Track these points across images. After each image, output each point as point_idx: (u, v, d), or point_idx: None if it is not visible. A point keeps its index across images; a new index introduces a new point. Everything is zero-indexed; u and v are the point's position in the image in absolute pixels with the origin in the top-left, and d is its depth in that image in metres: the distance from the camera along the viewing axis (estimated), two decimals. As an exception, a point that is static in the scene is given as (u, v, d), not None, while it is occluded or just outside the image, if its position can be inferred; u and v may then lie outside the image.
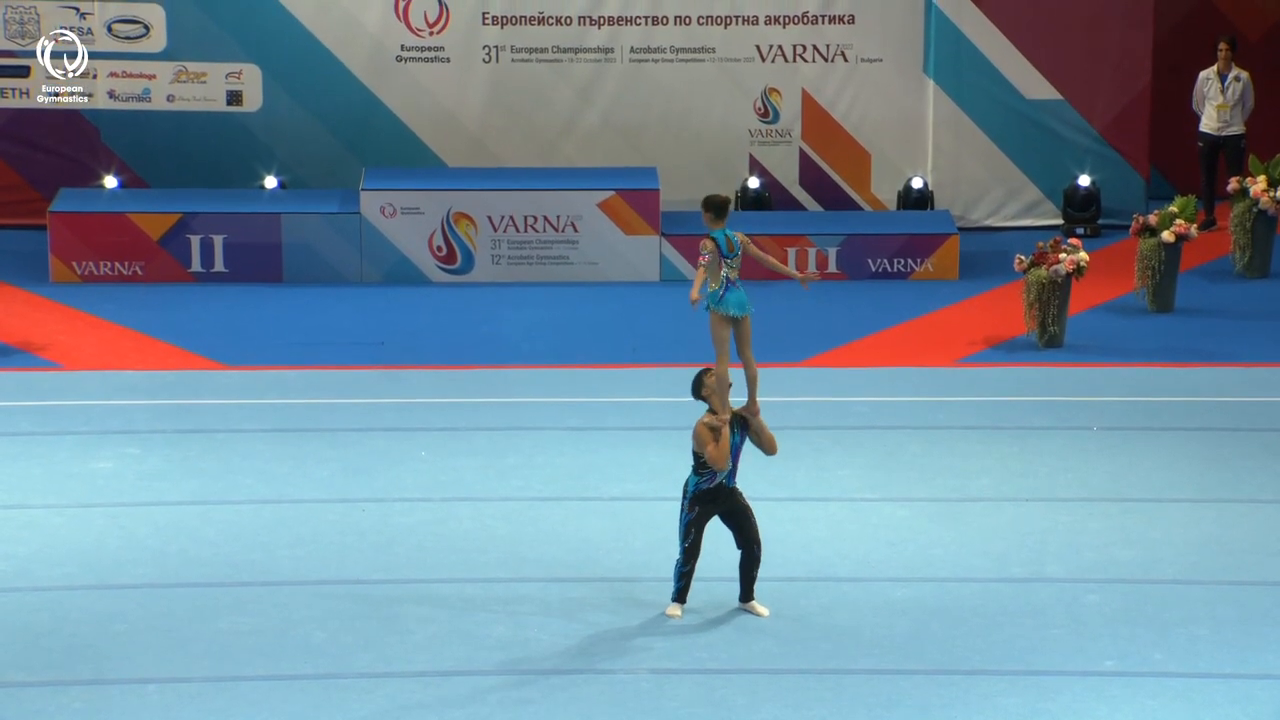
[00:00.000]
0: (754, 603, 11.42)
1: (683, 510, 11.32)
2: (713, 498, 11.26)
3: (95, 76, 19.49)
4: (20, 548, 12.34)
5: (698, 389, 11.27)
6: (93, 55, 19.45)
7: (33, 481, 13.47)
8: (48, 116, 19.58)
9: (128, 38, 19.48)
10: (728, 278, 11.32)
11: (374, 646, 11.07)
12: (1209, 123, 19.68)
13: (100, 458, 13.91)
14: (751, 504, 11.36)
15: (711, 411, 11.21)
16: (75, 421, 14.69)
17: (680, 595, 11.36)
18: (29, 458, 13.89)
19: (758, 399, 11.34)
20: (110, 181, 19.47)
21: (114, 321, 17.26)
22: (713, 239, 11.32)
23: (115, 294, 17.96)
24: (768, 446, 11.37)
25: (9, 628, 11.26)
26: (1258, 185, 18.35)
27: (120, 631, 11.23)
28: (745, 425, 11.30)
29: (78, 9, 19.39)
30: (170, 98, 19.63)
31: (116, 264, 18.35)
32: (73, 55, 18.89)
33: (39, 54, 18.84)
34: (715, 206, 11.39)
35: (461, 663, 10.90)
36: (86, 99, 19.47)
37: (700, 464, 11.22)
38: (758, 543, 11.35)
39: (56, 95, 19.49)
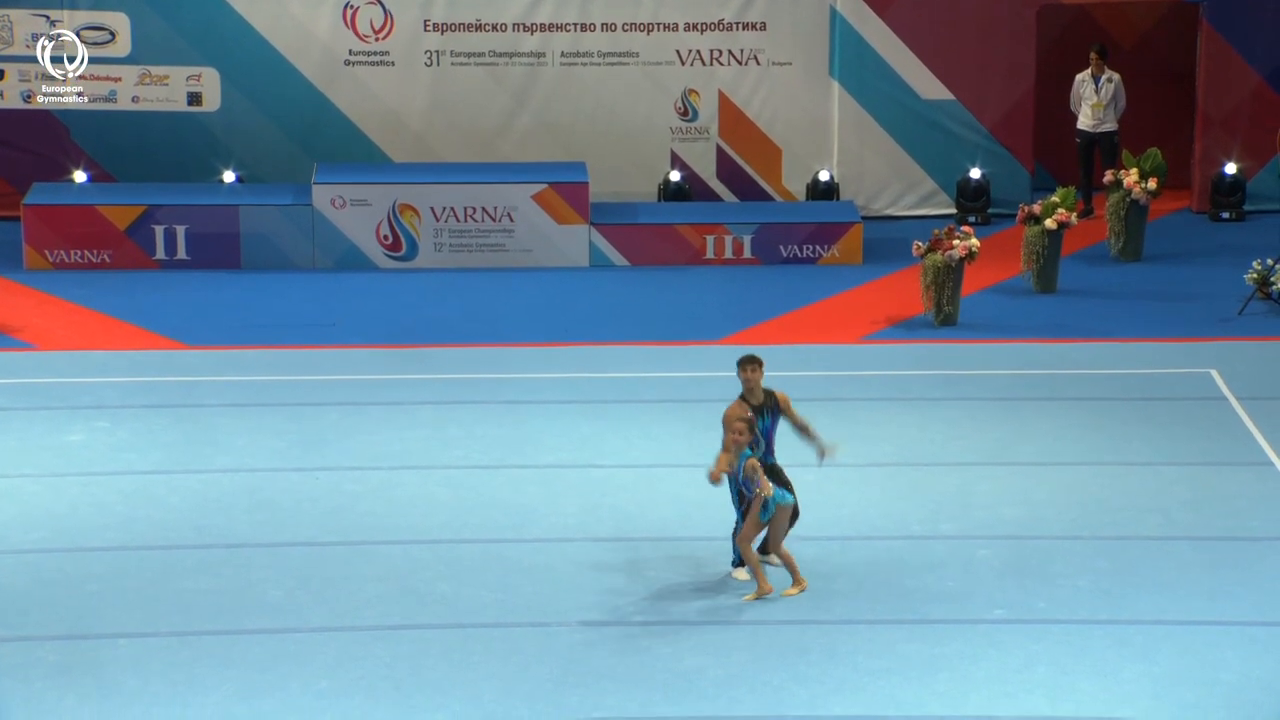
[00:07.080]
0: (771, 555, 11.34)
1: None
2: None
3: (65, 79, 19.26)
4: (-2, 515, 12.23)
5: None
6: (61, 59, 19.23)
7: (9, 453, 13.33)
8: (21, 116, 19.34)
9: (95, 43, 19.25)
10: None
11: (327, 603, 11.02)
12: (1085, 121, 19.79)
13: (72, 431, 13.78)
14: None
15: (742, 398, 11.10)
16: (48, 398, 14.54)
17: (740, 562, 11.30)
18: (5, 432, 13.75)
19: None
20: (80, 176, 19.25)
21: (84, 305, 17.08)
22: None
23: (85, 280, 17.77)
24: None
25: (-12, 588, 11.16)
26: (1130, 177, 18.46)
27: (92, 591, 11.13)
28: (776, 408, 11.18)
29: (48, 16, 19.15)
30: (135, 99, 19.43)
31: (86, 252, 18.16)
32: (73, 57, 18.58)
33: (39, 56, 18.49)
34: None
35: (408, 617, 10.86)
36: (57, 99, 19.27)
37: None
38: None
39: (29, 96, 19.27)
